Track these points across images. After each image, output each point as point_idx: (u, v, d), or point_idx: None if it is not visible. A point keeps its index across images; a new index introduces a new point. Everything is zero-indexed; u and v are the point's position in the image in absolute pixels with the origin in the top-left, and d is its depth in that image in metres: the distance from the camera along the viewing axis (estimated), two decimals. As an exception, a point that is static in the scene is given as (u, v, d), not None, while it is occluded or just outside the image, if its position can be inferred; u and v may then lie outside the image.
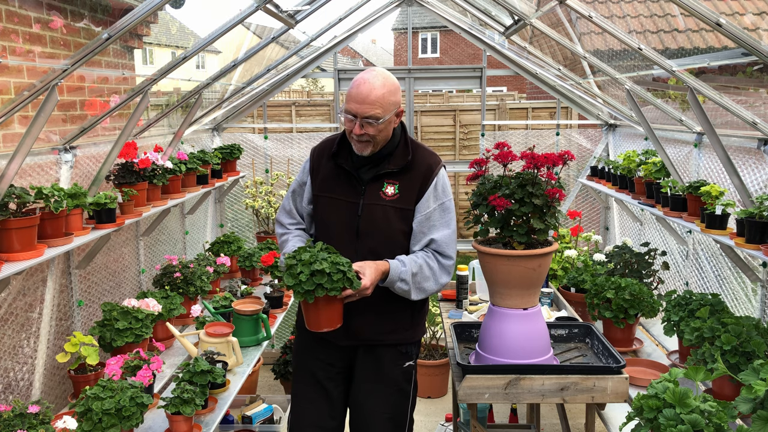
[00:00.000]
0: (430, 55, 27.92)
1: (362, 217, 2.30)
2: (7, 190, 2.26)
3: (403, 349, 2.44)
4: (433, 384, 4.57)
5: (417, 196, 2.32)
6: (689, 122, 3.58)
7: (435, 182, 2.33)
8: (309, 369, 2.48)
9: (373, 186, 2.32)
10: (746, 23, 5.55)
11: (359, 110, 2.18)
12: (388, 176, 2.32)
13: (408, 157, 2.32)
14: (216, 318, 3.31)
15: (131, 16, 2.24)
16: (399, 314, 2.39)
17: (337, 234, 2.33)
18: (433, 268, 2.32)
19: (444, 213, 2.35)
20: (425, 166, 2.34)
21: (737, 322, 2.42)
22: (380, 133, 2.24)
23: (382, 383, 2.42)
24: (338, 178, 2.35)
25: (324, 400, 2.46)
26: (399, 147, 2.34)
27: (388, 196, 2.30)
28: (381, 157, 2.32)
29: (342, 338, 2.37)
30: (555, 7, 2.92)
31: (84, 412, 2.20)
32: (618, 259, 3.71)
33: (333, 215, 2.35)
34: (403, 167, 2.31)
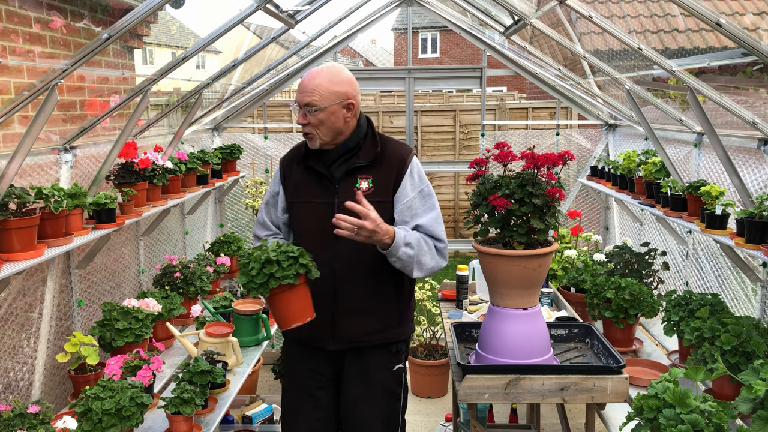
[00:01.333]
0: (430, 55, 27.92)
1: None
2: (7, 190, 2.26)
3: (392, 348, 2.40)
4: (433, 384, 4.57)
5: (393, 187, 2.29)
6: (689, 122, 3.58)
7: (410, 170, 2.31)
8: (298, 379, 2.44)
9: (347, 183, 2.28)
10: (746, 23, 5.55)
11: (298, 98, 2.22)
12: (360, 171, 2.29)
13: (377, 149, 2.30)
14: (216, 318, 3.31)
15: (131, 16, 2.24)
16: (385, 312, 2.35)
17: (314, 237, 2.30)
18: (429, 244, 2.27)
19: (425, 199, 2.32)
20: (397, 156, 2.32)
21: (737, 322, 2.42)
22: (322, 124, 2.22)
23: (372, 387, 2.38)
24: (310, 181, 2.33)
25: (315, 410, 2.42)
26: (366, 140, 2.32)
27: (363, 191, 2.26)
28: (349, 151, 2.30)
29: (329, 342, 2.34)
30: (555, 7, 2.92)
31: (84, 412, 2.20)
32: (618, 259, 3.71)
33: (309, 219, 2.32)
34: (374, 159, 2.29)
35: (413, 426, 4.15)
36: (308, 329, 2.30)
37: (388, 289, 2.35)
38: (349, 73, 2.28)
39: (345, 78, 2.24)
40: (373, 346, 2.36)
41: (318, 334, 2.33)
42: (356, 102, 2.27)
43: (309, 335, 2.35)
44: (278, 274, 2.04)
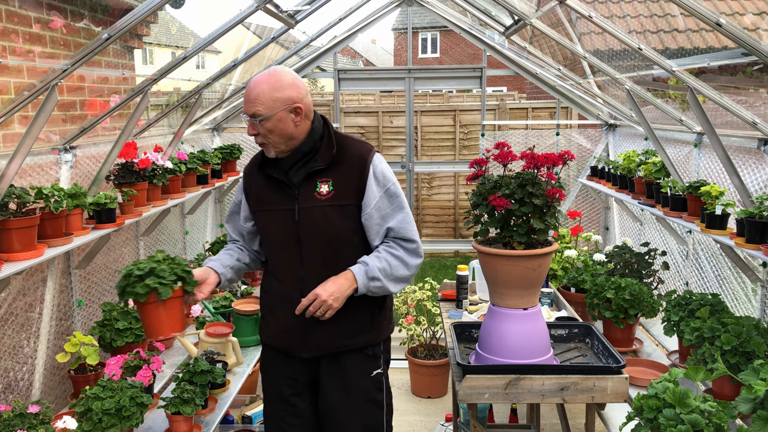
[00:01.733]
0: (430, 55, 27.91)
1: (300, 223, 2.19)
2: (7, 190, 2.26)
3: (369, 352, 2.30)
4: (433, 384, 4.57)
5: (357, 191, 2.20)
6: (689, 122, 3.58)
7: (372, 171, 2.21)
8: (275, 386, 2.38)
9: (306, 188, 2.20)
10: (746, 23, 5.55)
11: (245, 110, 2.16)
12: (319, 174, 2.20)
13: (333, 150, 2.21)
14: (216, 318, 3.31)
15: (131, 16, 2.24)
16: (358, 316, 2.25)
17: (279, 245, 2.26)
18: (400, 257, 2.21)
19: (392, 198, 2.23)
20: (357, 157, 2.22)
21: (737, 322, 2.42)
22: (272, 132, 2.14)
23: (351, 394, 2.29)
24: (270, 189, 2.26)
25: (294, 416, 2.35)
26: (323, 141, 2.23)
27: (324, 195, 2.18)
28: (305, 155, 2.21)
29: (302, 350, 2.26)
30: (555, 7, 2.93)
31: (84, 412, 2.20)
32: (618, 259, 3.71)
33: (271, 227, 2.27)
34: (332, 161, 2.20)
35: (413, 426, 4.15)
36: (281, 337, 2.30)
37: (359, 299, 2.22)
38: (293, 75, 2.18)
39: (288, 82, 2.14)
40: (349, 351, 2.27)
41: (290, 342, 2.28)
42: (304, 105, 2.16)
43: (282, 343, 2.31)
44: (128, 288, 2.06)
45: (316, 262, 2.21)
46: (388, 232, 2.23)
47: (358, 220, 2.21)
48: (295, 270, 2.23)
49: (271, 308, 2.33)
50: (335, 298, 2.12)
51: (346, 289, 2.14)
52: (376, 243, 2.24)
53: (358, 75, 5.18)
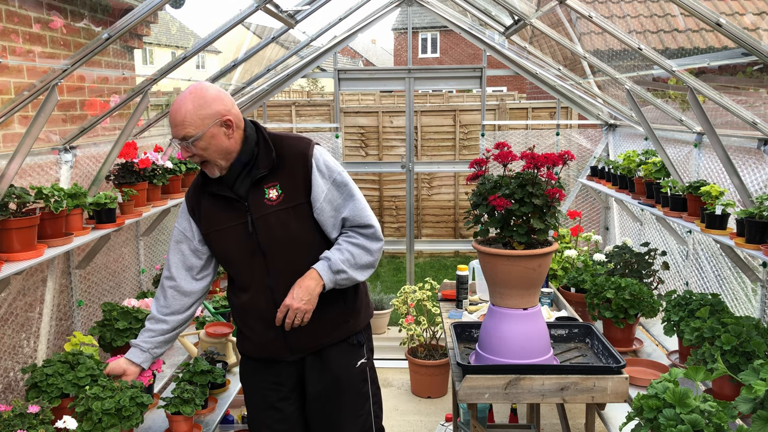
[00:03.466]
0: (430, 55, 27.92)
1: (258, 233, 2.15)
2: (7, 190, 2.26)
3: (352, 341, 2.30)
4: (433, 384, 4.57)
5: (305, 187, 2.16)
6: (689, 122, 3.58)
7: (315, 165, 2.16)
8: (259, 393, 2.34)
9: (255, 197, 2.16)
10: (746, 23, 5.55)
11: (174, 133, 2.08)
12: (264, 180, 2.16)
13: (272, 154, 2.16)
14: (216, 318, 3.31)
15: (131, 16, 2.24)
16: (333, 314, 2.24)
17: (241, 260, 2.20)
18: (360, 244, 2.18)
19: (341, 188, 2.19)
20: (297, 154, 2.18)
21: (737, 322, 2.42)
22: (207, 151, 2.08)
23: (337, 388, 2.28)
24: (218, 207, 2.20)
25: (281, 422, 2.33)
26: (260, 148, 2.17)
27: (274, 201, 2.15)
28: (245, 165, 2.16)
29: (288, 355, 2.26)
30: (555, 7, 2.93)
31: (84, 412, 2.20)
32: (618, 259, 3.71)
33: (229, 244, 2.20)
34: (274, 165, 2.16)
35: (413, 426, 4.15)
36: (263, 349, 2.27)
37: (330, 291, 2.19)
38: (215, 88, 2.11)
39: (212, 96, 2.07)
40: (331, 345, 2.28)
41: (274, 351, 2.26)
42: (233, 116, 2.10)
43: (265, 354, 2.29)
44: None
45: (282, 267, 2.17)
46: (344, 222, 2.20)
47: (313, 218, 2.18)
48: (262, 281, 2.19)
49: (245, 323, 2.29)
50: (306, 301, 2.10)
51: (314, 289, 2.11)
52: (334, 235, 2.21)
53: (358, 75, 5.19)
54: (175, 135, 2.08)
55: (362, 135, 8.94)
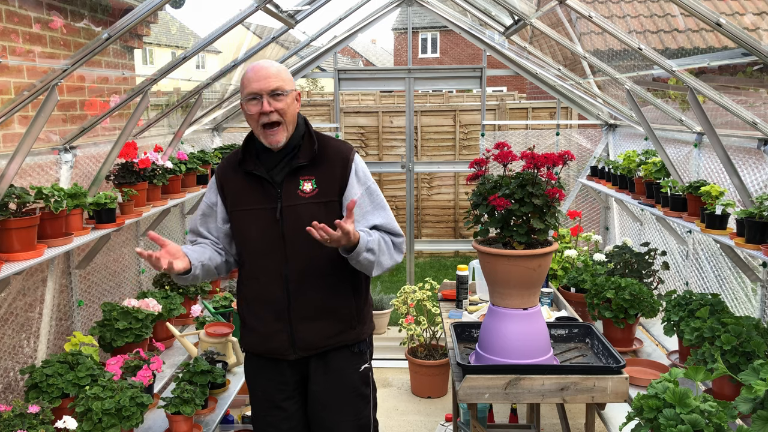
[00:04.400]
0: (430, 55, 27.91)
1: (284, 221, 2.17)
2: (7, 190, 2.26)
3: (355, 349, 2.31)
4: (433, 384, 4.57)
5: (340, 187, 2.21)
6: (689, 122, 3.58)
7: (354, 170, 2.23)
8: (264, 392, 2.34)
9: (289, 186, 2.18)
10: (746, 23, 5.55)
11: (263, 86, 2.09)
12: (302, 172, 2.19)
13: (315, 147, 2.21)
14: (216, 318, 3.31)
15: (131, 16, 2.24)
16: (342, 314, 2.26)
17: (261, 245, 2.20)
18: (388, 243, 2.21)
19: (372, 196, 2.25)
20: (339, 155, 2.23)
21: (737, 322, 2.42)
22: (286, 112, 2.12)
23: (340, 391, 2.29)
24: (250, 188, 2.21)
25: (285, 421, 2.33)
26: (305, 138, 2.23)
27: (307, 193, 2.17)
28: (289, 152, 2.20)
29: (290, 352, 2.24)
30: (555, 7, 2.93)
31: (84, 412, 2.20)
32: (618, 259, 3.71)
33: (252, 227, 2.21)
34: (314, 158, 2.19)
35: (413, 426, 4.15)
36: (267, 341, 2.25)
37: (345, 288, 2.25)
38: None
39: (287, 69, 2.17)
40: (336, 349, 2.27)
41: (277, 346, 2.24)
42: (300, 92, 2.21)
43: (268, 348, 2.27)
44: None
45: (301, 258, 2.18)
46: (376, 228, 2.22)
47: (340, 217, 2.18)
48: (278, 269, 2.19)
49: (253, 312, 2.27)
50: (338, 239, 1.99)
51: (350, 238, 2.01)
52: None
53: (358, 75, 5.19)
54: (264, 87, 2.08)
55: (362, 135, 8.94)
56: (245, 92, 2.12)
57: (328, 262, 2.19)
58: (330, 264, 2.20)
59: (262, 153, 2.22)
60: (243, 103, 2.15)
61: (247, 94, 2.11)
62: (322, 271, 2.20)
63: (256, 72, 2.11)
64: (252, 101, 2.11)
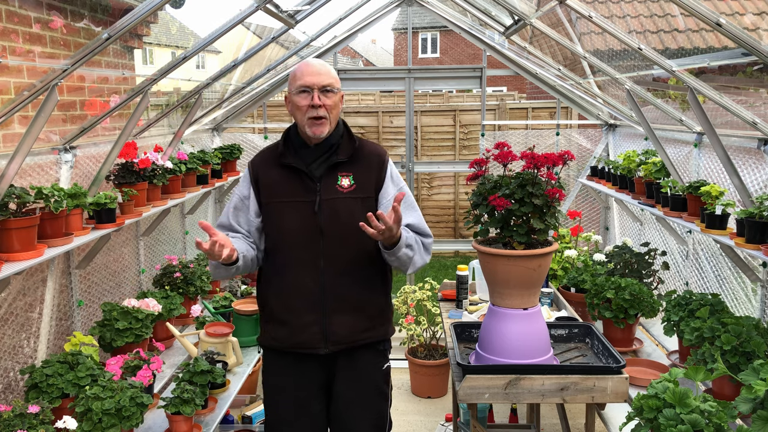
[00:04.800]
0: (430, 55, 27.91)
1: (322, 214, 2.22)
2: (7, 190, 2.26)
3: (380, 347, 2.37)
4: (433, 384, 4.57)
5: (376, 186, 2.29)
6: (689, 122, 3.58)
7: (389, 171, 2.34)
8: (288, 391, 2.33)
9: (328, 181, 2.24)
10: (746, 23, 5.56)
11: (316, 81, 2.18)
12: (341, 168, 2.26)
13: (355, 145, 2.30)
14: (216, 318, 3.31)
15: (131, 16, 2.24)
16: (372, 309, 2.31)
17: (297, 238, 2.23)
18: (420, 244, 2.30)
19: (405, 198, 2.33)
20: (375, 155, 2.33)
21: (737, 322, 2.42)
22: (334, 109, 2.23)
23: (364, 388, 2.34)
24: (288, 180, 2.26)
25: (307, 418, 2.33)
26: (344, 137, 2.31)
27: (345, 188, 2.24)
28: (329, 148, 2.27)
29: (321, 346, 2.25)
30: (555, 7, 2.92)
31: (84, 412, 2.20)
32: (618, 259, 3.71)
33: (289, 220, 2.24)
34: (353, 156, 2.28)
35: (413, 426, 4.15)
36: (299, 334, 2.25)
37: (375, 285, 2.32)
38: None
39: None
40: (363, 346, 2.32)
41: (309, 339, 2.25)
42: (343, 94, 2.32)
43: (298, 342, 2.27)
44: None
45: (337, 253, 2.23)
46: (408, 227, 2.29)
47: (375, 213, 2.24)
48: (316, 263, 2.23)
49: (285, 305, 2.26)
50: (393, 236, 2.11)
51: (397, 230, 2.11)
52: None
53: (358, 75, 5.19)
54: (316, 82, 2.18)
55: (362, 135, 8.94)
56: (297, 84, 2.20)
57: (362, 257, 2.26)
58: (365, 259, 2.26)
59: (300, 148, 2.28)
60: (292, 94, 2.23)
61: (298, 86, 2.19)
62: (356, 265, 2.26)
63: (309, 67, 2.21)
64: (302, 93, 2.20)
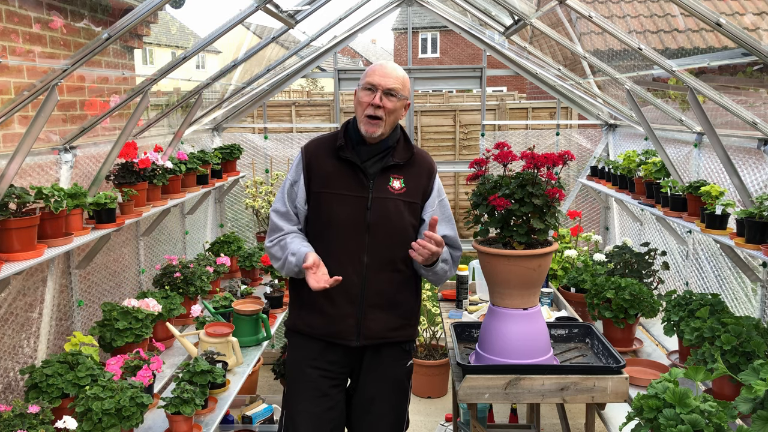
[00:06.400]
0: (430, 55, 27.91)
1: (372, 211, 2.28)
2: (7, 190, 2.26)
3: (406, 347, 2.44)
4: (433, 384, 4.57)
5: (423, 193, 2.37)
6: (689, 122, 3.58)
7: (437, 182, 2.43)
8: (311, 378, 2.38)
9: (380, 180, 2.31)
10: (746, 23, 5.55)
11: (382, 82, 2.24)
12: (394, 170, 2.33)
13: (412, 151, 2.38)
14: (216, 318, 3.31)
15: (131, 16, 2.24)
16: (404, 310, 2.39)
17: (345, 230, 2.29)
18: (451, 257, 2.40)
19: (444, 208, 2.44)
20: (426, 164, 2.42)
21: (737, 322, 2.42)
22: (393, 113, 2.27)
23: (388, 384, 2.41)
24: (342, 173, 2.31)
25: (330, 410, 2.38)
26: (400, 141, 2.38)
27: (396, 190, 2.32)
28: (386, 149, 2.33)
29: (353, 338, 2.32)
30: (555, 7, 2.92)
31: (84, 412, 2.20)
32: (618, 259, 3.71)
33: (339, 211, 2.30)
34: (407, 161, 2.35)
35: (413, 426, 4.15)
36: (333, 324, 2.31)
37: (410, 286, 2.40)
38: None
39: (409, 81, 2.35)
40: (391, 344, 2.38)
41: (343, 330, 2.31)
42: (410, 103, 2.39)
43: (332, 332, 2.33)
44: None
45: (380, 250, 2.29)
46: (444, 238, 2.35)
47: (419, 219, 2.37)
48: (360, 257, 2.28)
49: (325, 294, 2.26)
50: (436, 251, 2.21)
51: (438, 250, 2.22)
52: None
53: (358, 75, 5.18)
54: (383, 83, 2.24)
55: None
56: (365, 80, 2.27)
57: (402, 258, 2.31)
58: (403, 259, 2.32)
59: (358, 144, 2.33)
60: (359, 89, 2.30)
61: (366, 83, 2.27)
62: (395, 265, 2.33)
63: (383, 68, 2.28)
64: (367, 90, 2.26)
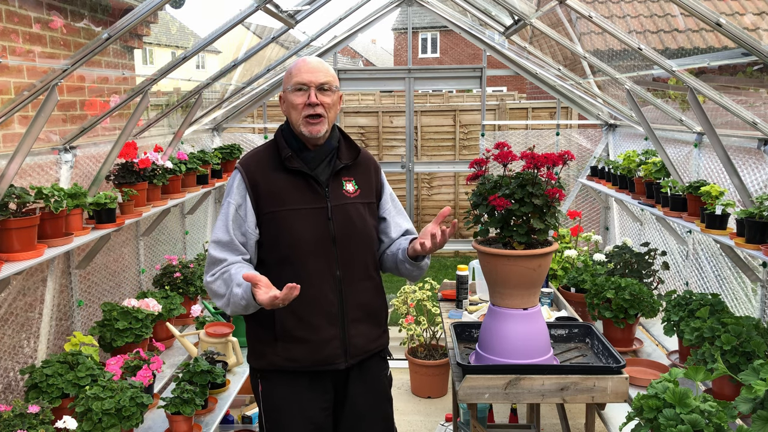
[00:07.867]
0: (430, 55, 27.91)
1: (335, 221, 2.11)
2: (7, 190, 2.26)
3: (383, 354, 2.33)
4: (433, 384, 4.57)
5: (377, 191, 2.28)
6: (689, 122, 3.58)
7: (383, 175, 2.34)
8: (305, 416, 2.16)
9: (333, 186, 2.15)
10: (746, 23, 5.55)
11: (313, 78, 2.07)
12: (344, 172, 2.19)
13: (358, 150, 2.25)
14: (216, 318, 3.31)
15: (131, 16, 2.24)
16: (381, 317, 2.28)
17: (313, 247, 2.09)
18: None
19: (395, 202, 2.36)
20: (371, 161, 2.32)
21: (737, 322, 2.42)
22: (332, 108, 2.12)
23: (375, 399, 2.29)
24: (294, 186, 2.11)
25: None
26: (341, 141, 2.23)
27: (351, 193, 2.18)
28: (331, 152, 2.18)
29: (341, 360, 2.15)
30: (555, 7, 2.92)
31: (84, 412, 2.21)
32: (618, 259, 3.71)
33: (300, 228, 2.08)
34: (354, 160, 2.22)
35: (413, 426, 4.15)
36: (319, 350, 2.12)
37: (380, 290, 2.28)
38: None
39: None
40: (371, 356, 2.26)
41: (329, 354, 2.12)
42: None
43: (318, 360, 2.12)
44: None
45: (350, 259, 2.14)
46: (406, 233, 2.31)
47: (378, 219, 2.29)
48: (331, 271, 2.11)
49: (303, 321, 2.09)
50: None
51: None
52: (393, 237, 2.30)
53: (358, 75, 5.19)
54: (312, 80, 2.07)
55: (362, 135, 8.94)
56: (293, 81, 2.09)
57: (371, 262, 2.23)
58: (372, 265, 2.24)
59: (301, 152, 2.15)
60: (287, 92, 2.11)
61: (294, 84, 2.08)
62: (368, 272, 2.21)
63: (306, 64, 2.10)
64: (298, 91, 2.09)
